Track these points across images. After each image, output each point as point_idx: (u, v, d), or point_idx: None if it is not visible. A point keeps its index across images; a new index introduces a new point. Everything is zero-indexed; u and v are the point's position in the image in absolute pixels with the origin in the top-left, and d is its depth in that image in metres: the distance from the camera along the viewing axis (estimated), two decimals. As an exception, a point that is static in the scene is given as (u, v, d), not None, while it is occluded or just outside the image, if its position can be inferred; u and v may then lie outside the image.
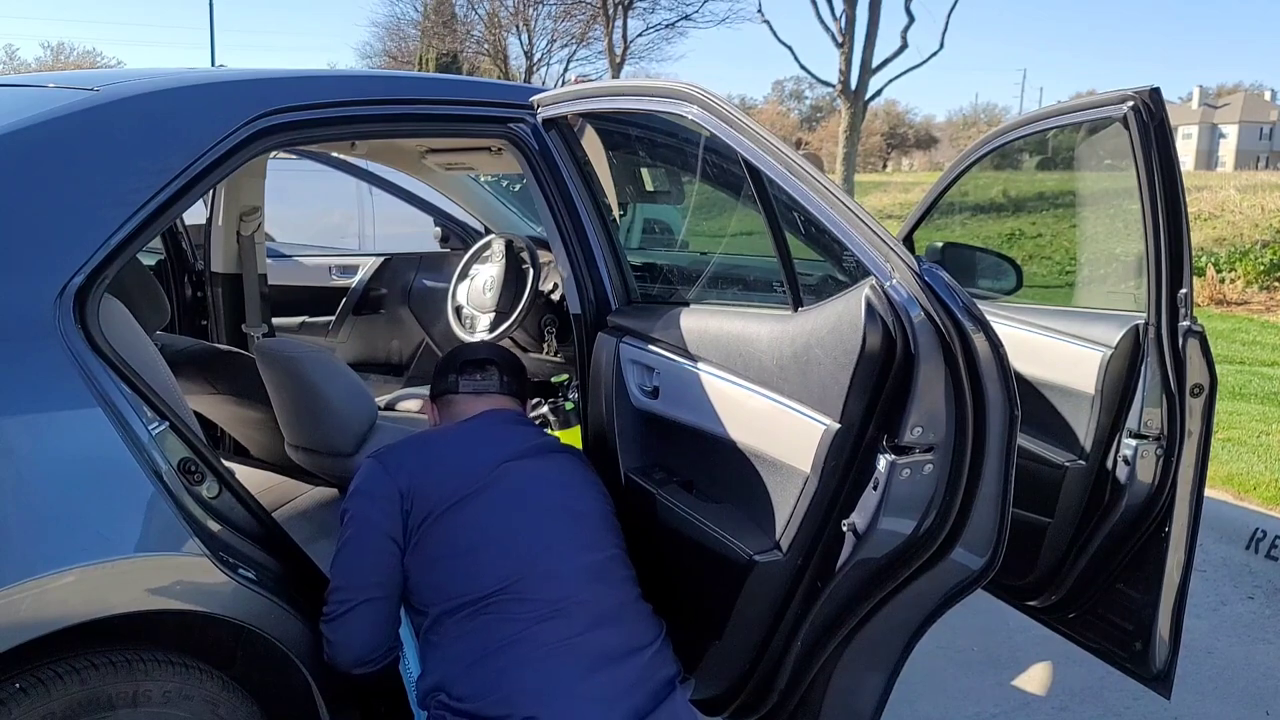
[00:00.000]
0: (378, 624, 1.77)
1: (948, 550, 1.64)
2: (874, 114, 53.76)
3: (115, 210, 1.59)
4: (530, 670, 1.65)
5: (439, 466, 1.84)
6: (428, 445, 1.90)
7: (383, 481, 1.81)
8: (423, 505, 1.79)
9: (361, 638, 1.75)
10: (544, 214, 2.22)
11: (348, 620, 1.73)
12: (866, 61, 22.40)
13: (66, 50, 51.30)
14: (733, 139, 1.76)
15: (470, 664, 1.67)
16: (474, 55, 35.89)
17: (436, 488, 1.80)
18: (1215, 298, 10.87)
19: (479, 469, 1.84)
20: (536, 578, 1.74)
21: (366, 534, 1.78)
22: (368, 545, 1.78)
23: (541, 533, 1.82)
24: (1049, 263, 10.21)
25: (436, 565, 1.77)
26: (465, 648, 1.69)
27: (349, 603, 1.74)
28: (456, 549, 1.77)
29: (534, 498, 1.87)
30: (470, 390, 2.03)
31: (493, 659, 1.67)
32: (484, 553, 1.76)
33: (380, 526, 1.78)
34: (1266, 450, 5.00)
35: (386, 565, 1.78)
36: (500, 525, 1.80)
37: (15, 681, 1.44)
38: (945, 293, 1.53)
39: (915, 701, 2.71)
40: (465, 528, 1.78)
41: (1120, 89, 2.13)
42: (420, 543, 1.77)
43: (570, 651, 1.68)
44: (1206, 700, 2.80)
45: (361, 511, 1.80)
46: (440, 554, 1.77)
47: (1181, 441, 2.19)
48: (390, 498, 1.79)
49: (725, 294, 2.39)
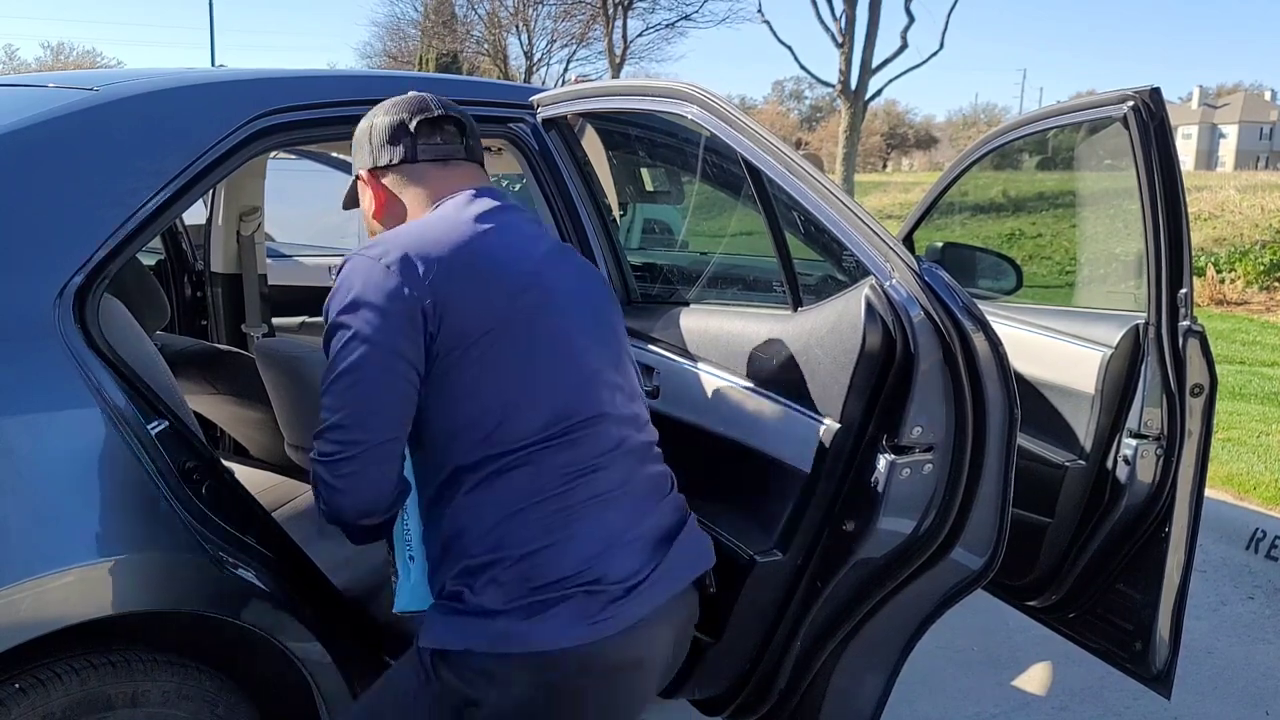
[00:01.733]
0: (394, 465, 1.42)
1: (947, 550, 1.64)
2: (874, 114, 53.76)
3: (115, 210, 1.59)
4: (590, 524, 1.41)
5: (468, 275, 1.41)
6: (441, 245, 1.42)
7: (399, 292, 1.36)
8: (454, 328, 1.38)
9: (375, 483, 1.40)
10: (544, 214, 2.22)
11: (358, 466, 1.37)
12: (866, 61, 22.42)
13: (66, 50, 51.37)
14: (733, 139, 1.76)
15: (511, 514, 1.39)
16: (474, 55, 35.89)
17: (473, 305, 1.40)
18: (1215, 298, 10.87)
19: (516, 278, 1.45)
20: (589, 418, 1.45)
21: (385, 362, 1.36)
22: (386, 377, 1.37)
23: (592, 361, 1.50)
24: (1049, 263, 10.22)
25: (462, 405, 1.40)
26: (502, 500, 1.40)
27: (361, 445, 1.36)
28: (495, 386, 1.40)
29: (579, 317, 1.51)
30: (432, 157, 1.55)
31: (542, 508, 1.40)
32: (530, 390, 1.42)
33: (402, 353, 1.37)
34: (1266, 450, 5.00)
35: (409, 402, 1.39)
36: (548, 354, 1.45)
37: (14, 682, 1.44)
38: (945, 292, 1.53)
39: (915, 701, 2.71)
40: (506, 359, 1.41)
41: (1120, 89, 2.13)
42: (444, 376, 1.39)
43: (628, 497, 1.46)
44: (1206, 700, 2.80)
45: (375, 331, 1.36)
46: (470, 391, 1.40)
47: (1181, 441, 2.19)
48: (411, 315, 1.36)
49: (725, 294, 2.39)
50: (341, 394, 1.37)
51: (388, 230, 1.51)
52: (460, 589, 1.40)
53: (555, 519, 1.40)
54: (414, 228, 1.47)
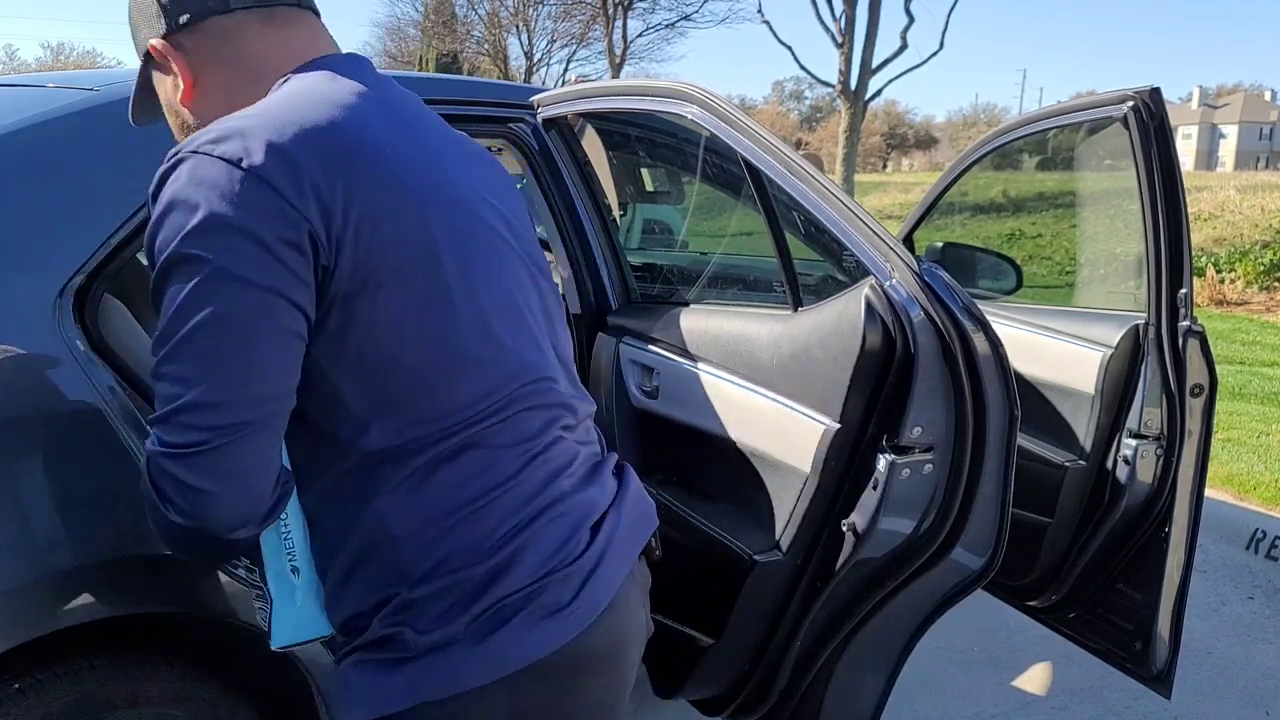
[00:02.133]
0: (275, 450, 1.01)
1: (947, 550, 1.64)
2: (874, 114, 53.80)
3: (115, 210, 1.59)
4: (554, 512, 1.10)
5: (372, 181, 0.98)
6: (322, 136, 0.98)
7: (274, 208, 0.93)
8: (360, 259, 0.97)
9: (258, 476, 0.99)
10: (544, 214, 2.22)
11: (233, 456, 0.96)
12: (866, 61, 22.41)
13: (66, 50, 51.44)
14: (733, 139, 1.76)
15: (464, 517, 1.04)
16: (474, 55, 35.92)
17: (385, 226, 0.98)
18: (1215, 298, 10.88)
19: (433, 189, 1.05)
20: (538, 379, 1.11)
21: (263, 308, 0.94)
22: (267, 329, 0.94)
23: (531, 299, 1.15)
24: (1049, 263, 10.20)
25: (374, 368, 1.01)
26: (447, 498, 1.04)
27: (237, 427, 0.95)
28: (421, 339, 1.01)
29: (505, 235, 1.13)
30: (250, 3, 1.10)
31: (502, 504, 1.06)
32: (469, 343, 1.05)
33: (286, 295, 0.94)
34: (1266, 450, 5.00)
35: (298, 363, 0.98)
36: (485, 291, 1.07)
37: (14, 683, 1.44)
38: (945, 292, 1.53)
39: (915, 701, 2.71)
40: (433, 301, 1.02)
41: (1120, 89, 2.14)
42: (344, 329, 0.98)
43: (583, 467, 1.17)
44: (1206, 700, 2.80)
45: (244, 266, 0.92)
46: (386, 348, 1.00)
47: (1181, 442, 2.19)
48: (295, 242, 0.94)
49: (725, 294, 2.39)
50: (200, 360, 0.94)
51: (214, 119, 1.01)
52: (395, 631, 1.04)
53: (519, 515, 1.07)
54: (271, 109, 1.00)
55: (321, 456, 1.06)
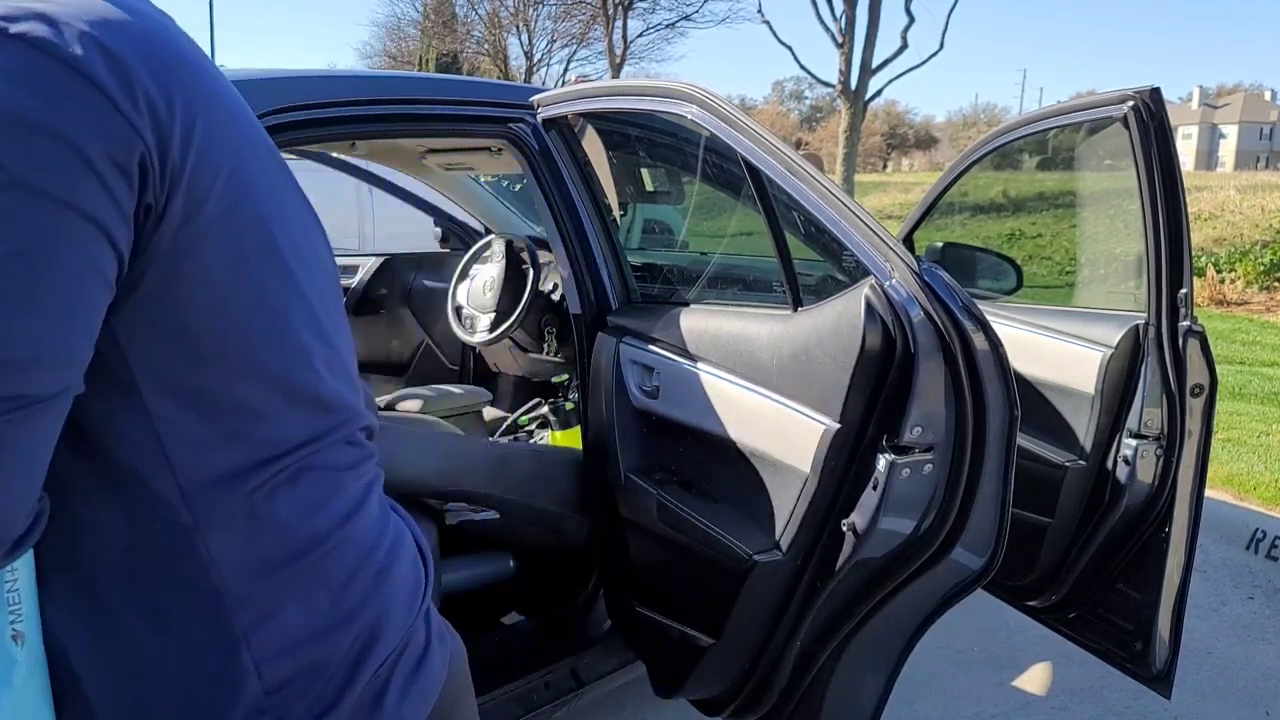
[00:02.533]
0: (47, 448, 0.67)
1: (947, 550, 1.64)
2: (874, 114, 53.80)
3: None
4: (400, 544, 0.89)
5: (210, 98, 0.72)
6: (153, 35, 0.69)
7: (100, 112, 0.64)
8: (197, 194, 0.70)
9: (18, 476, 0.65)
10: (544, 214, 2.22)
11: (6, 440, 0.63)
12: (866, 62, 22.42)
13: (66, 50, 51.19)
14: (733, 139, 1.76)
15: (299, 570, 0.79)
16: (474, 55, 35.92)
17: (229, 157, 0.72)
18: (1215, 298, 10.88)
19: (256, 134, 0.79)
20: (355, 376, 0.87)
21: (70, 235, 0.64)
22: (72, 263, 0.64)
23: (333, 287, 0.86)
24: (1049, 263, 10.21)
25: (210, 346, 0.73)
26: (282, 549, 0.78)
27: (16, 399, 0.63)
28: (264, 319, 0.75)
29: (317, 224, 0.86)
30: None
31: (353, 547, 0.83)
32: (308, 331, 0.79)
33: (100, 222, 0.65)
34: (1266, 450, 5.00)
35: (99, 317, 0.68)
36: (310, 264, 0.81)
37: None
38: (945, 292, 1.53)
39: (915, 701, 2.71)
40: (276, 267, 0.76)
41: (1120, 89, 2.13)
42: (165, 289, 0.70)
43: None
44: (1206, 700, 2.80)
45: (50, 180, 0.62)
46: (217, 320, 0.73)
47: (1182, 442, 2.19)
48: (121, 161, 0.65)
49: (725, 294, 2.39)
50: None
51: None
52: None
53: (370, 559, 0.84)
54: None
55: (85, 469, 0.75)
